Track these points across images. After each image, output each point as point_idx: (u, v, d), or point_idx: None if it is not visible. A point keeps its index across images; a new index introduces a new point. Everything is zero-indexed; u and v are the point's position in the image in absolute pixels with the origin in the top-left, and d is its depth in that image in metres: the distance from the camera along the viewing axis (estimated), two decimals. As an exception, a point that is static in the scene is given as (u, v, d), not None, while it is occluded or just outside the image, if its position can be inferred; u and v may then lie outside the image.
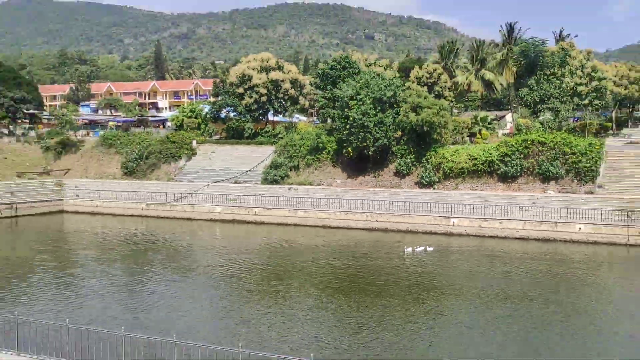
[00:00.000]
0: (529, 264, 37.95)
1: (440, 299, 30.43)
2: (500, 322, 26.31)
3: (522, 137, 56.08)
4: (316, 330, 25.21)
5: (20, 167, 68.84)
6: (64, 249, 45.23)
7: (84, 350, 17.47)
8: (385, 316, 26.86)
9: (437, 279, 34.35)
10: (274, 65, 75.99)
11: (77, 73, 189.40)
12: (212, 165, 66.40)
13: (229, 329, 25.35)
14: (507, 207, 48.49)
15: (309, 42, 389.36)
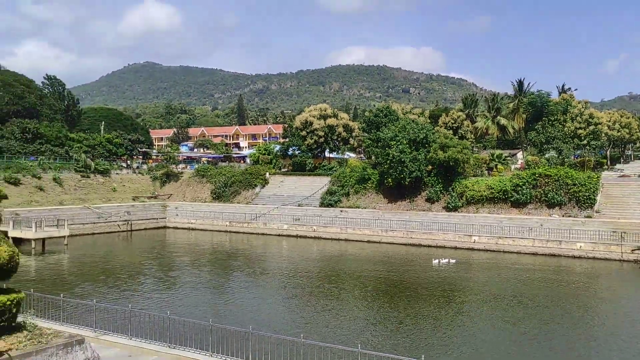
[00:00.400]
0: (538, 274, 36.63)
1: (462, 299, 29.64)
2: (513, 320, 25.40)
3: (531, 171, 54.60)
4: (363, 324, 24.88)
5: (135, 193, 70.88)
6: (166, 257, 46.16)
7: (180, 337, 17.69)
8: (418, 313, 26.31)
9: (460, 284, 33.51)
10: (330, 113, 76.53)
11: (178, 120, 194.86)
12: (281, 192, 66.97)
13: (296, 322, 25.26)
14: (519, 227, 47.10)
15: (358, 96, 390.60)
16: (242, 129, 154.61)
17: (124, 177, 73.87)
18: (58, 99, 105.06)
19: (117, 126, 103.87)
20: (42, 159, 68.01)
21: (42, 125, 78.70)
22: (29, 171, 62.02)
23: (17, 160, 65.66)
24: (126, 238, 57.01)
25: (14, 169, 61.05)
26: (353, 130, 76.78)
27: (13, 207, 51.92)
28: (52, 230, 47.78)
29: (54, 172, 64.84)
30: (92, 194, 65.82)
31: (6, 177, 58.24)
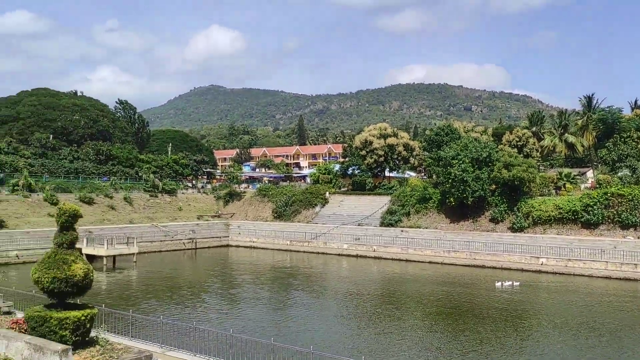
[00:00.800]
0: (612, 299, 34.61)
1: (529, 325, 28.39)
2: (585, 348, 24.05)
3: (603, 190, 51.95)
4: (426, 349, 24.29)
5: (200, 211, 72.90)
6: (228, 274, 47.00)
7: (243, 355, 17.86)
8: (484, 339, 25.42)
9: (526, 309, 32.14)
10: (390, 132, 76.18)
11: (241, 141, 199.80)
12: (341, 211, 66.95)
13: (356, 344, 25.01)
14: (590, 249, 44.83)
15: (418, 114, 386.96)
16: (302, 149, 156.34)
17: (190, 197, 76.16)
18: (129, 122, 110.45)
19: (184, 147, 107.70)
20: (114, 179, 71.37)
21: (115, 147, 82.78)
22: (102, 191, 65.20)
23: (91, 180, 69.22)
24: (191, 256, 58.53)
25: (88, 188, 64.39)
26: (413, 149, 75.99)
27: (87, 225, 54.62)
28: (122, 247, 49.86)
29: (124, 191, 67.83)
30: (160, 212, 68.26)
31: (81, 197, 61.48)
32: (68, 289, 15.51)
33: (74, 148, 79.97)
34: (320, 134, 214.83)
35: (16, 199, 56.53)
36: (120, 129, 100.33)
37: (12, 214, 53.83)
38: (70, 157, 76.29)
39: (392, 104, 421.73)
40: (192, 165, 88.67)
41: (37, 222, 54.10)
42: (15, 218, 53.51)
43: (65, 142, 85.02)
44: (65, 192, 62.30)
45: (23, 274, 39.79)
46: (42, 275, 15.41)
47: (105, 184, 68.24)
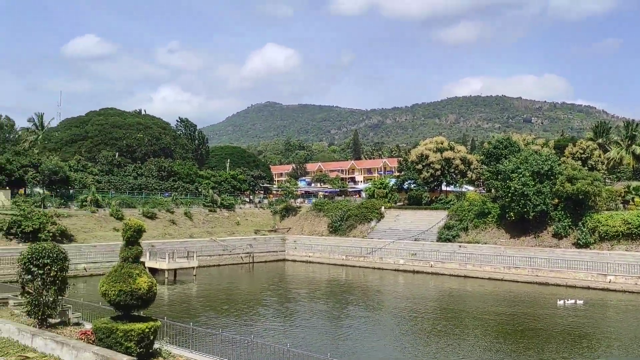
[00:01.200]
0: (689, 322, 32.46)
1: (595, 346, 27.01)
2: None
3: (676, 204, 49.09)
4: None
5: (257, 226, 73.99)
6: (285, 289, 47.36)
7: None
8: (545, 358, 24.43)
9: (592, 329, 30.62)
10: (447, 146, 75.06)
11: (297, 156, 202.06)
12: (397, 226, 66.30)
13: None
14: (664, 267, 42.26)
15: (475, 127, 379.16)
16: (357, 164, 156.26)
17: (247, 211, 77.53)
18: (189, 139, 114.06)
19: (241, 163, 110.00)
20: (175, 194, 73.68)
21: (176, 163, 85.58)
22: (164, 206, 67.46)
23: (154, 196, 71.74)
24: (248, 270, 59.43)
25: (151, 204, 66.77)
26: (471, 162, 74.48)
27: (150, 239, 56.52)
28: (182, 261, 51.29)
29: (185, 206, 69.91)
30: (218, 227, 69.83)
31: (144, 212, 63.83)
32: (133, 302, 16.12)
33: (138, 165, 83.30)
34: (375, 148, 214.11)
35: (84, 214, 59.34)
36: (181, 145, 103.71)
37: (81, 229, 56.50)
38: (135, 173, 79.46)
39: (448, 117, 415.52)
40: (249, 181, 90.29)
41: (103, 236, 56.53)
42: (84, 232, 56.12)
43: (129, 159, 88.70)
44: (130, 207, 64.86)
45: (91, 286, 41.68)
46: (109, 288, 16.10)
47: (167, 200, 70.56)
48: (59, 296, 18.89)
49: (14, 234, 49.89)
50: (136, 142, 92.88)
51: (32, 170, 62.42)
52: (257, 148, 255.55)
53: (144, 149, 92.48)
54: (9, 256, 44.76)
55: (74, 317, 21.77)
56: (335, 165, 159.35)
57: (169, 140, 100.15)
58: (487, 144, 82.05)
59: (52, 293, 18.45)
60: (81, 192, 64.88)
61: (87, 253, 51.90)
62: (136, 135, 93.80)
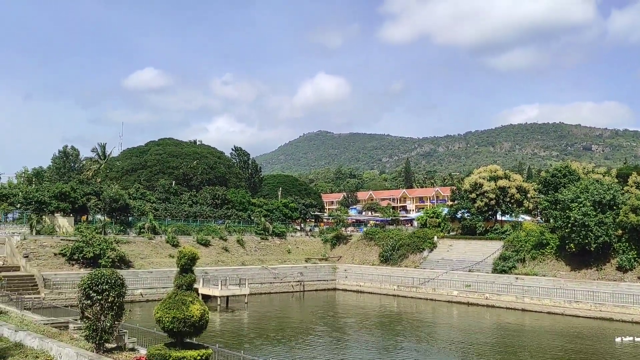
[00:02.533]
0: None
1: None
2: None
3: None
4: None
5: (308, 254, 74.04)
6: (335, 318, 46.92)
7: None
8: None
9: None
10: (501, 174, 73.31)
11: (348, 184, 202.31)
12: (450, 256, 64.87)
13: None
14: None
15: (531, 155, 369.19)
16: (409, 192, 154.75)
17: (298, 240, 77.82)
18: (243, 168, 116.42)
19: (293, 191, 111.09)
20: (228, 222, 74.95)
21: (229, 191, 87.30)
22: (217, 233, 68.70)
23: (208, 223, 73.24)
24: (299, 298, 59.30)
25: (205, 231, 68.17)
26: (527, 191, 72.36)
27: (203, 265, 57.55)
28: (235, 289, 51.81)
29: (237, 234, 70.95)
30: (270, 255, 70.33)
31: (198, 239, 65.19)
32: (186, 329, 16.35)
33: (193, 193, 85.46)
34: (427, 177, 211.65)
35: (142, 241, 61.16)
36: (235, 174, 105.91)
37: (138, 255, 58.19)
38: (190, 201, 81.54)
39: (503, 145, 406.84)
40: (300, 209, 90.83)
41: (159, 262, 57.98)
42: (140, 259, 57.75)
43: (185, 188, 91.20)
44: (185, 234, 66.40)
45: (147, 311, 42.62)
46: (163, 315, 16.41)
47: (220, 227, 71.85)
48: (116, 321, 19.38)
49: (76, 260, 51.91)
50: (192, 170, 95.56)
51: (94, 198, 65.12)
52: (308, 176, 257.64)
53: (199, 178, 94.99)
54: (71, 281, 46.57)
55: (130, 342, 22.26)
56: (386, 194, 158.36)
57: (223, 169, 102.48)
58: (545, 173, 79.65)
59: (110, 318, 18.96)
60: (139, 219, 67.04)
61: (144, 279, 53.25)
62: (192, 164, 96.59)
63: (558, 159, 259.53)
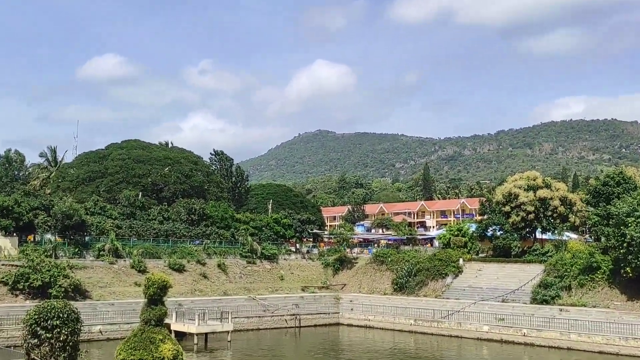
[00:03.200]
0: None
1: None
2: None
3: None
4: None
5: (305, 281, 73.87)
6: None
7: None
8: None
9: None
10: (541, 183, 73.41)
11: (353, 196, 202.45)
12: (479, 283, 64.74)
13: None
14: None
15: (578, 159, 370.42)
16: (428, 205, 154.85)
17: (293, 264, 77.74)
18: (225, 176, 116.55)
19: (286, 204, 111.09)
20: (207, 242, 74.94)
21: (209, 205, 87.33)
22: (194, 256, 68.62)
23: (182, 244, 73.25)
24: (294, 335, 59.17)
25: (178, 254, 68.10)
26: (573, 203, 72.41)
27: (176, 296, 57.42)
28: (215, 324, 51.67)
29: (218, 257, 70.87)
30: (258, 282, 70.20)
31: (171, 263, 65.11)
32: (155, 374, 16.30)
33: (165, 207, 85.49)
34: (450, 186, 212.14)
35: (101, 266, 61.09)
36: (216, 183, 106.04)
37: (97, 283, 58.08)
38: (160, 217, 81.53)
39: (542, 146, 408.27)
40: (295, 226, 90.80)
41: (122, 292, 57.85)
42: (100, 287, 57.65)
43: (155, 200, 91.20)
44: (154, 257, 66.33)
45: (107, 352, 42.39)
46: (128, 357, 16.38)
47: (198, 249, 71.78)
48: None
49: (20, 289, 51.76)
50: (162, 179, 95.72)
51: (43, 214, 65.08)
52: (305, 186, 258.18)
53: (172, 188, 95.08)
54: (13, 316, 46.35)
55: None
56: (400, 207, 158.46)
57: (201, 178, 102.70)
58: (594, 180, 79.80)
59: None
60: (98, 239, 66.99)
61: (104, 312, 53.08)
62: (162, 171, 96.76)
63: (610, 164, 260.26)
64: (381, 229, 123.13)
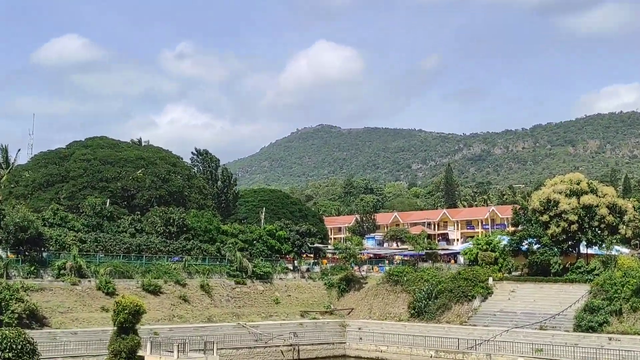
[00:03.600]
0: None
1: None
2: None
3: None
4: None
5: (304, 305, 73.76)
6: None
7: None
8: None
9: None
10: (586, 187, 73.32)
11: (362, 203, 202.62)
12: (512, 307, 64.59)
13: None
14: None
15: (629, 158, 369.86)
16: (451, 213, 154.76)
17: (290, 284, 77.66)
18: (210, 180, 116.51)
19: (282, 213, 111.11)
20: (188, 259, 74.82)
21: (190, 215, 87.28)
22: (172, 276, 68.56)
23: (159, 261, 73.14)
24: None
25: (154, 272, 68.04)
26: (624, 211, 72.37)
27: (152, 322, 57.34)
28: (197, 356, 51.28)
29: (202, 276, 70.84)
30: (248, 307, 70.11)
31: (145, 284, 65.03)
32: (125, 417, 16.29)
33: (137, 217, 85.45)
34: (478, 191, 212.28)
35: (62, 287, 60.99)
36: (198, 189, 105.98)
37: (57, 308, 57.96)
38: (132, 229, 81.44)
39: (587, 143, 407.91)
40: (293, 239, 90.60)
41: (87, 318, 57.75)
42: (60, 313, 57.54)
43: (125, 209, 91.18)
44: (125, 277, 66.24)
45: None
46: (93, 396, 16.34)
47: (177, 266, 71.71)
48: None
49: (-35, 315, 51.69)
50: (135, 184, 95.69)
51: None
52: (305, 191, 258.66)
53: (146, 195, 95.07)
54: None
55: None
56: (419, 216, 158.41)
57: (181, 182, 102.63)
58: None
59: (14, 401, 18.92)
60: (58, 255, 66.90)
61: (65, 343, 52.82)
62: (135, 175, 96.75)
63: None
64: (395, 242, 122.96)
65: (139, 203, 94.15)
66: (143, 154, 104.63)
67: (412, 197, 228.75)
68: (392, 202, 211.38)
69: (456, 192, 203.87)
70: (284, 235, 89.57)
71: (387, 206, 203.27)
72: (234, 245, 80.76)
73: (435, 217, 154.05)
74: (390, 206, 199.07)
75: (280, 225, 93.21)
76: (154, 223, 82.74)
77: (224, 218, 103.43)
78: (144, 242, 77.24)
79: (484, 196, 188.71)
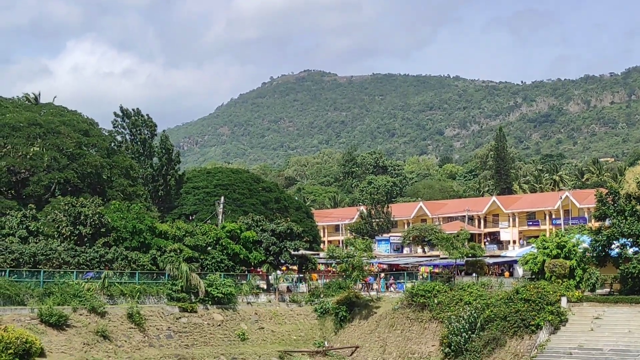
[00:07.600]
0: None
1: None
2: None
3: None
4: None
5: (284, 343, 73.74)
6: None
7: None
8: None
9: None
10: None
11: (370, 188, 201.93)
12: (597, 341, 64.68)
13: None
14: None
15: None
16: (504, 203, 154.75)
17: (262, 311, 77.81)
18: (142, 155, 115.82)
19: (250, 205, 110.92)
20: (109, 275, 74.54)
21: (111, 209, 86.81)
22: (85, 301, 68.27)
23: (64, 279, 72.78)
24: None
25: (57, 296, 67.70)
26: None
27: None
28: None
29: (129, 301, 70.72)
30: (200, 346, 70.23)
31: (43, 314, 64.62)
32: None
33: (31, 212, 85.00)
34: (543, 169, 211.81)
35: None
36: (124, 169, 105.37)
37: None
38: (23, 230, 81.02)
39: None
40: (267, 244, 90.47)
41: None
42: None
43: (13, 201, 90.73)
44: (12, 303, 65.82)
45: None
46: None
47: (91, 286, 71.44)
48: None
49: None
50: (27, 163, 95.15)
51: None
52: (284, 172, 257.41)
53: (44, 179, 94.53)
54: None
55: None
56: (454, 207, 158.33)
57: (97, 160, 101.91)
58: None
59: None
60: None
61: None
62: (26, 149, 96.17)
63: None
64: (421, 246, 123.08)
65: (34, 191, 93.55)
66: (39, 118, 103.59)
67: (445, 179, 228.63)
68: (416, 187, 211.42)
69: (512, 171, 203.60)
70: (252, 237, 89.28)
71: (408, 192, 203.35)
72: (177, 254, 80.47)
73: (480, 208, 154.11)
74: (413, 192, 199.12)
75: (247, 223, 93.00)
76: (57, 221, 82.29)
77: (163, 213, 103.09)
78: (42, 250, 76.76)
79: (553, 176, 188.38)
